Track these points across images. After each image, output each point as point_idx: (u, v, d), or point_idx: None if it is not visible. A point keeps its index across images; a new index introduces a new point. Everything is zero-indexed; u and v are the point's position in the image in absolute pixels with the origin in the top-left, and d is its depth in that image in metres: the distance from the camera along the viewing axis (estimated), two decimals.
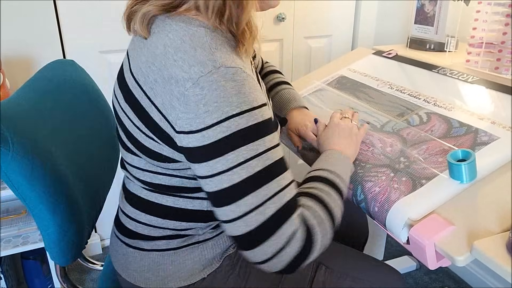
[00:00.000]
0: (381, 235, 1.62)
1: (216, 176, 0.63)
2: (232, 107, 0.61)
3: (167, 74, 0.64)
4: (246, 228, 0.63)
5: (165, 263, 0.79)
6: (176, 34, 0.66)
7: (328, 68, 1.38)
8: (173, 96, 0.63)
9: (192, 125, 0.62)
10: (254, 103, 0.63)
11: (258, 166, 0.63)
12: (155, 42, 0.67)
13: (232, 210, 0.63)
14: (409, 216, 0.74)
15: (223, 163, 0.62)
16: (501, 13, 1.12)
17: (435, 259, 0.71)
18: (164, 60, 0.64)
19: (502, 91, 1.01)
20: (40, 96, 0.88)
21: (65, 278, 0.94)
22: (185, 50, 0.64)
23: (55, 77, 0.96)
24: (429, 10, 1.42)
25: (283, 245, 0.64)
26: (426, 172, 0.81)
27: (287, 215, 0.64)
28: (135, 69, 0.70)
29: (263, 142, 0.63)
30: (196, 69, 0.62)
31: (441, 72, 1.16)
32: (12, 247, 1.32)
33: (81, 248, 0.89)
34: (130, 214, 0.81)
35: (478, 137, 0.87)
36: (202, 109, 0.61)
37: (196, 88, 0.61)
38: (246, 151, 0.62)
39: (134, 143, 0.73)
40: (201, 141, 0.62)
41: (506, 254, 0.62)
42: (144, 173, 0.75)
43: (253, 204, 0.63)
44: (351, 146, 0.86)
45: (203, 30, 0.66)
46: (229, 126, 0.61)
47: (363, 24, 1.94)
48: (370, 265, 0.90)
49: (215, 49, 0.64)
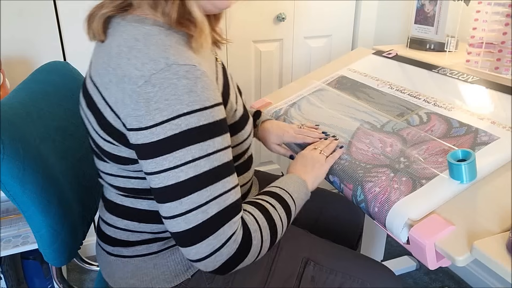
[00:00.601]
0: (381, 235, 1.62)
1: (162, 173, 0.63)
2: (183, 105, 0.61)
3: (121, 73, 0.64)
4: (186, 225, 0.64)
5: (148, 268, 0.79)
6: (129, 33, 0.66)
7: (328, 68, 1.38)
8: (125, 93, 0.63)
9: (141, 122, 0.62)
10: (206, 103, 0.63)
11: (206, 167, 0.63)
12: (110, 44, 0.68)
13: (175, 206, 0.64)
14: (409, 216, 0.74)
15: (170, 160, 0.62)
16: (501, 13, 1.12)
17: (435, 259, 0.71)
18: (119, 59, 0.65)
19: (502, 91, 1.01)
20: (32, 98, 0.88)
21: (61, 279, 0.95)
22: (138, 48, 0.64)
23: (48, 79, 0.97)
24: (429, 10, 1.42)
25: (220, 246, 0.65)
26: (426, 172, 0.81)
27: (228, 217, 0.65)
28: (94, 73, 0.71)
29: (212, 143, 0.64)
30: (149, 67, 0.62)
31: (441, 72, 1.16)
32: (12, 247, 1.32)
33: (76, 249, 0.89)
34: (108, 220, 0.82)
35: (478, 137, 0.87)
36: (153, 106, 0.61)
37: (148, 86, 0.61)
38: (195, 150, 0.62)
39: (99, 149, 0.74)
40: (150, 138, 0.62)
41: (506, 254, 0.62)
42: (117, 178, 0.76)
43: (196, 203, 0.63)
44: (311, 173, 0.87)
45: (156, 29, 0.66)
46: (179, 124, 0.61)
47: (363, 24, 1.94)
48: (362, 262, 0.90)
49: (169, 46, 0.64)
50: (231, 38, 1.81)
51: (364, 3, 1.89)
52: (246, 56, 1.82)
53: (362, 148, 0.93)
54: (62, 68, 1.02)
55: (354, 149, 0.94)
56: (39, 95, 0.91)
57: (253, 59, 1.84)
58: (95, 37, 0.71)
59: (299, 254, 0.87)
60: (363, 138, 0.97)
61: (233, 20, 1.74)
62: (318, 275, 0.85)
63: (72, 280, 1.69)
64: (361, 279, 0.86)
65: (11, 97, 0.86)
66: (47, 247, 0.82)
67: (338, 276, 0.85)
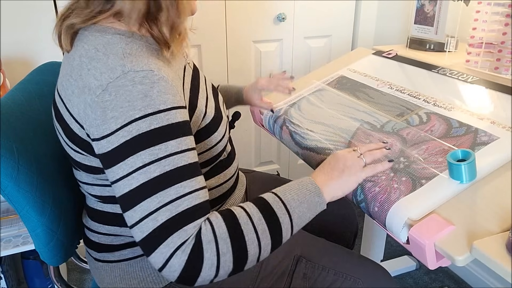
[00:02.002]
0: (380, 235, 1.62)
1: (118, 182, 0.62)
2: (135, 111, 0.61)
3: (82, 84, 0.64)
4: (141, 234, 0.61)
5: (135, 271, 0.80)
6: (90, 44, 0.66)
7: (328, 68, 1.38)
8: (86, 104, 0.63)
9: (99, 131, 0.62)
10: (161, 106, 0.62)
11: (156, 172, 0.60)
12: (72, 55, 0.68)
13: (130, 215, 0.61)
14: (409, 216, 0.74)
15: (123, 168, 0.61)
16: (500, 13, 1.12)
17: (435, 259, 0.71)
18: (80, 70, 0.65)
19: (502, 91, 1.01)
20: (28, 98, 0.89)
21: (59, 278, 0.95)
22: (98, 58, 0.64)
23: (44, 80, 0.97)
24: (429, 10, 1.42)
25: (169, 256, 0.60)
26: (426, 172, 0.81)
27: (179, 225, 0.60)
28: (59, 85, 0.71)
29: (164, 147, 0.61)
30: (106, 76, 0.62)
31: (441, 72, 1.16)
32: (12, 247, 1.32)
33: (73, 248, 0.90)
34: (92, 227, 0.82)
35: (478, 137, 0.87)
36: (109, 115, 0.61)
37: (105, 94, 0.61)
38: (145, 156, 0.60)
39: (71, 160, 0.74)
40: (106, 147, 0.62)
41: (506, 254, 0.62)
42: (93, 187, 0.76)
43: (147, 210, 0.60)
44: (339, 179, 0.75)
45: (117, 37, 0.67)
46: (130, 130, 0.60)
47: (363, 24, 1.94)
48: (355, 261, 0.90)
49: (129, 54, 0.64)
50: (231, 38, 1.82)
51: (364, 3, 1.90)
52: (246, 56, 1.82)
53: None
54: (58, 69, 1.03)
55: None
56: (35, 96, 0.91)
57: (253, 59, 1.84)
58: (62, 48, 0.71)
59: (292, 250, 0.87)
60: (363, 138, 0.97)
61: (233, 20, 1.74)
62: (310, 272, 0.85)
63: (72, 280, 1.69)
64: (354, 277, 0.86)
65: (7, 97, 0.86)
66: (43, 246, 0.83)
67: (331, 274, 0.85)
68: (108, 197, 0.76)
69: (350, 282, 0.85)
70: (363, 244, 1.68)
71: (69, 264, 1.76)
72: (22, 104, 0.86)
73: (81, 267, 1.74)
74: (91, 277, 1.71)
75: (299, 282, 0.84)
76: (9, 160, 0.73)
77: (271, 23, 1.80)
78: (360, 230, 1.82)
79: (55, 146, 0.88)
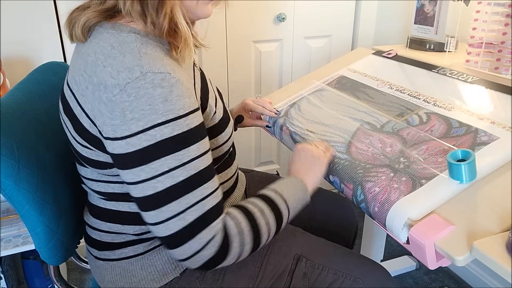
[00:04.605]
0: (380, 235, 1.62)
1: (140, 183, 0.64)
2: (158, 115, 0.62)
3: (96, 81, 0.64)
4: (167, 231, 0.66)
5: (135, 269, 0.80)
6: (106, 41, 0.67)
7: (328, 68, 1.38)
8: (101, 102, 0.63)
9: (117, 131, 0.63)
10: (180, 111, 0.64)
11: (182, 176, 0.64)
12: (87, 51, 0.68)
13: (155, 215, 0.66)
14: (409, 216, 0.74)
15: (147, 171, 0.63)
16: (500, 13, 1.12)
17: (435, 259, 0.71)
18: (95, 67, 0.65)
19: (501, 91, 1.01)
20: (28, 98, 0.89)
21: (58, 277, 0.95)
22: (114, 56, 0.64)
23: (45, 79, 0.97)
24: (429, 10, 1.42)
25: (200, 249, 0.67)
26: (426, 172, 0.81)
27: (206, 222, 0.67)
28: (70, 79, 0.71)
29: (187, 152, 0.65)
30: (124, 75, 0.62)
31: (441, 72, 1.16)
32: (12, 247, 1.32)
33: (73, 248, 0.90)
34: (93, 225, 0.83)
35: (477, 137, 0.87)
36: (128, 116, 0.61)
37: (124, 95, 0.62)
38: (170, 161, 0.63)
39: (78, 155, 0.74)
40: (126, 149, 0.63)
41: (506, 254, 0.62)
42: (98, 183, 0.76)
43: (175, 211, 0.65)
44: (312, 170, 0.87)
45: (133, 36, 0.67)
46: (154, 134, 0.62)
47: (363, 24, 1.94)
48: (355, 260, 0.90)
49: (144, 53, 0.65)
50: (231, 38, 1.82)
51: (364, 3, 1.90)
52: (246, 56, 1.82)
53: (362, 148, 0.93)
54: (59, 69, 1.03)
55: (354, 149, 0.94)
56: (36, 95, 0.91)
57: (253, 59, 1.84)
58: (76, 38, 0.71)
59: (292, 250, 0.88)
60: (363, 138, 0.97)
61: (233, 20, 1.74)
62: (310, 271, 0.85)
63: (72, 280, 1.69)
64: (354, 277, 0.86)
65: (8, 97, 0.86)
66: (43, 246, 0.83)
67: (331, 273, 0.86)
68: (111, 194, 0.76)
69: (350, 281, 0.85)
70: (363, 244, 1.68)
71: (69, 264, 1.76)
72: (23, 103, 0.86)
73: (81, 267, 1.74)
74: (91, 277, 1.71)
75: (299, 281, 0.84)
76: (10, 160, 0.73)
77: (271, 23, 1.80)
78: (360, 230, 1.82)
79: (56, 145, 0.88)
